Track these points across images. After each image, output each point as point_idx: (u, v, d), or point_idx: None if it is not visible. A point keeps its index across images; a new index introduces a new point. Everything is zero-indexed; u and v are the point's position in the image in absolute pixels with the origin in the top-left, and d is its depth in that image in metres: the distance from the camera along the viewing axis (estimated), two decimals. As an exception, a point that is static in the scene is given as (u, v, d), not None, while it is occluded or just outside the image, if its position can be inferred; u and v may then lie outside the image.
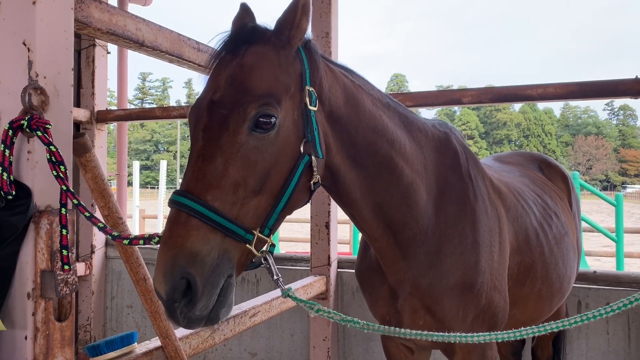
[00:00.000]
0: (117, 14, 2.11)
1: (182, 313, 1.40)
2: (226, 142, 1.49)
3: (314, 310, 1.69)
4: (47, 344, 1.72)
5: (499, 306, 2.16)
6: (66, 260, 1.77)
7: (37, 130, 1.66)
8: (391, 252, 2.07)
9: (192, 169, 1.50)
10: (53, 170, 1.68)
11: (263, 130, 1.52)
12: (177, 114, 4.70)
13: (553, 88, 3.46)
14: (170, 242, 1.41)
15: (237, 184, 1.48)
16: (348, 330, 4.26)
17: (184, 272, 1.38)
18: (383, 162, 1.93)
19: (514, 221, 2.39)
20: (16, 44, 1.74)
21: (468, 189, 2.17)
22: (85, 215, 1.74)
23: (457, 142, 2.27)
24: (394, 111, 2.04)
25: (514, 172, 2.99)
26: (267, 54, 1.61)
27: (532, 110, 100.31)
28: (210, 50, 2.76)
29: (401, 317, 2.16)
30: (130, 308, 5.09)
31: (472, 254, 2.08)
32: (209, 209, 1.43)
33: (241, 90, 1.54)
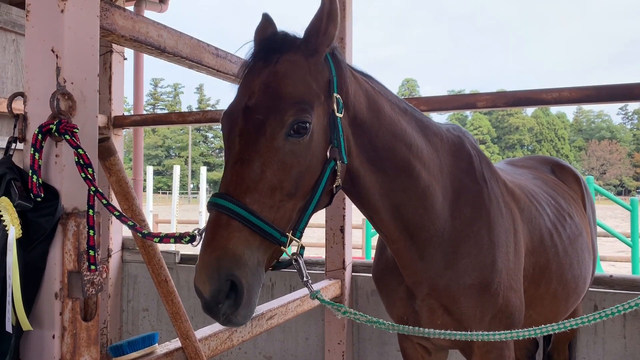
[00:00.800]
0: (140, 21, 2.16)
1: (224, 314, 1.44)
2: (263, 147, 1.54)
3: (340, 312, 1.71)
4: (74, 343, 1.76)
5: (516, 306, 2.18)
6: (93, 260, 1.81)
7: (65, 134, 1.70)
8: (408, 253, 2.10)
9: (230, 173, 1.54)
10: (82, 172, 1.73)
11: (299, 135, 1.58)
12: (192, 119, 4.75)
13: (568, 92, 3.46)
14: (214, 244, 1.45)
15: (273, 187, 1.53)
16: (363, 333, 4.28)
17: (229, 274, 1.41)
18: (401, 165, 1.97)
19: (528, 222, 2.42)
20: (45, 51, 1.79)
21: (483, 191, 2.21)
22: (115, 215, 1.77)
23: (471, 146, 2.33)
24: (411, 116, 2.08)
25: (527, 174, 3.02)
26: (298, 61, 1.67)
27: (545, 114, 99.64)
28: (229, 56, 2.83)
29: (419, 317, 2.19)
30: (146, 311, 5.14)
31: (489, 254, 2.12)
32: (249, 211, 1.47)
33: (276, 96, 1.59)
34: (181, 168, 71.25)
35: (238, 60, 2.87)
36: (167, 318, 5.05)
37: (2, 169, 1.79)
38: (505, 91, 3.70)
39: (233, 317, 1.44)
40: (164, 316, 5.07)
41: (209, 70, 2.66)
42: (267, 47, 1.70)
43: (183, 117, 4.69)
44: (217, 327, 2.68)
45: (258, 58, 1.69)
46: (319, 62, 1.71)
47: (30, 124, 1.82)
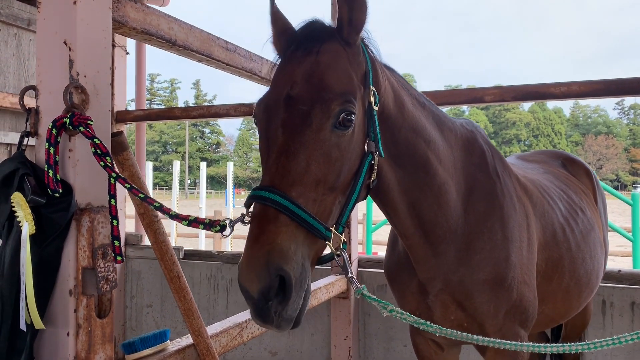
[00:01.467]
0: (151, 14, 2.13)
1: (276, 312, 1.37)
2: (309, 139, 1.49)
3: (387, 310, 1.66)
4: (89, 340, 1.74)
5: (530, 301, 2.17)
6: (118, 251, 1.79)
7: (79, 127, 1.67)
8: (422, 250, 2.09)
9: (275, 165, 1.48)
10: (100, 161, 1.70)
11: (344, 127, 1.53)
12: (196, 114, 4.71)
13: (577, 86, 3.43)
14: (262, 239, 1.38)
15: (318, 180, 1.48)
16: (369, 329, 4.26)
17: (279, 270, 1.35)
18: (420, 162, 1.95)
19: (540, 217, 2.41)
20: (57, 44, 1.76)
21: (496, 186, 2.19)
22: (140, 197, 1.74)
23: (483, 141, 2.31)
24: (429, 110, 2.06)
25: (538, 169, 3.00)
26: (339, 51, 1.62)
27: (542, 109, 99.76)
28: (239, 49, 2.80)
29: (432, 312, 2.17)
30: (150, 307, 5.12)
31: (502, 249, 2.10)
32: (297, 205, 1.42)
33: (320, 87, 1.53)
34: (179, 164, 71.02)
35: (247, 54, 2.84)
36: (170, 314, 5.03)
37: (15, 164, 1.76)
38: (513, 85, 3.67)
39: (284, 313, 1.37)
40: (167, 312, 5.05)
41: (218, 64, 2.63)
42: (306, 37, 1.65)
43: (187, 112, 4.65)
44: (227, 323, 2.66)
45: (298, 46, 1.63)
46: (357, 53, 1.68)
47: (42, 118, 1.79)
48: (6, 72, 4.42)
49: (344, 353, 4.11)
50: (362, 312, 4.28)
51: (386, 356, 4.21)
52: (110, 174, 1.72)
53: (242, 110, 4.46)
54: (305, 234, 1.44)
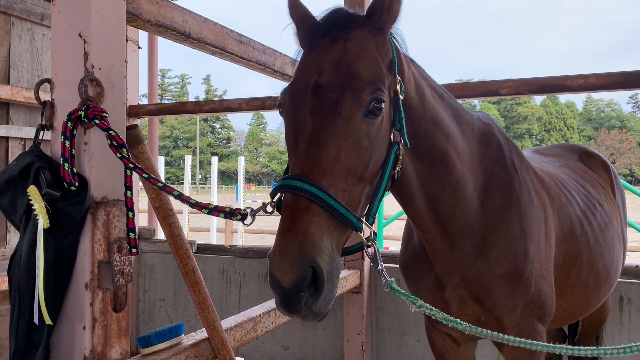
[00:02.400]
0: (165, 6, 2.11)
1: (306, 303, 1.34)
2: (340, 127, 1.46)
3: (416, 305, 1.62)
4: (105, 334, 1.73)
5: (548, 295, 2.15)
6: (133, 243, 1.78)
7: (94, 119, 1.66)
8: (439, 244, 2.07)
9: (305, 154, 1.45)
10: (117, 153, 1.69)
11: (374, 116, 1.51)
12: (209, 108, 4.71)
13: (594, 78, 3.37)
14: (295, 229, 1.36)
15: (348, 170, 1.46)
16: (382, 324, 4.24)
17: (312, 261, 1.32)
18: (438, 155, 1.93)
19: (558, 211, 2.38)
20: (72, 36, 1.75)
21: (513, 179, 2.16)
22: (159, 186, 1.73)
23: (500, 134, 2.29)
24: (447, 103, 2.03)
25: (554, 162, 2.97)
26: (368, 39, 1.60)
27: (554, 103, 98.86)
28: (252, 42, 2.77)
29: (448, 306, 2.15)
30: (163, 301, 5.14)
31: (520, 243, 2.08)
32: (329, 195, 1.39)
33: (350, 74, 1.50)
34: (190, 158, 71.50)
35: (260, 47, 2.82)
36: (183, 308, 5.04)
37: (31, 157, 1.75)
38: (528, 78, 3.61)
39: (314, 306, 1.34)
40: (180, 306, 5.06)
41: (231, 56, 2.61)
42: (333, 24, 1.62)
43: (199, 107, 4.65)
44: (241, 317, 2.65)
45: (324, 34, 1.60)
46: (385, 41, 1.65)
47: (57, 111, 1.78)
48: (20, 67, 4.43)
49: (356, 348, 4.09)
50: (375, 307, 4.26)
51: (399, 351, 4.19)
52: (127, 165, 1.71)
53: (254, 105, 4.45)
54: (335, 224, 1.41)
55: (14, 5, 4.31)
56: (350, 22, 1.62)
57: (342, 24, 1.60)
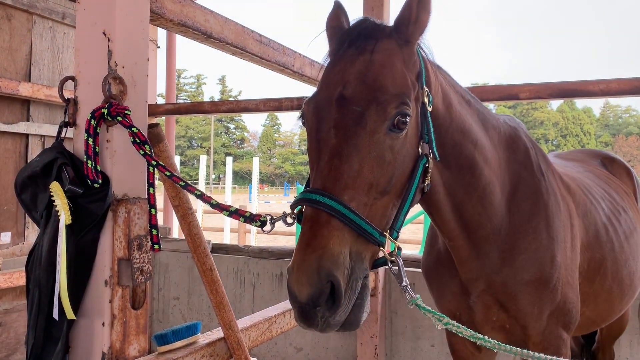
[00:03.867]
0: (188, 5, 2.12)
1: (322, 317, 1.33)
2: (363, 141, 1.44)
3: (442, 322, 1.56)
4: (124, 331, 1.74)
5: (573, 302, 2.13)
6: (156, 239, 1.79)
7: (117, 116, 1.67)
8: (465, 251, 2.05)
9: (327, 168, 1.43)
10: (139, 149, 1.70)
11: (399, 130, 1.48)
12: (226, 108, 4.73)
13: (616, 83, 3.33)
14: (314, 243, 1.34)
15: (370, 184, 1.44)
16: (395, 327, 4.22)
17: (330, 275, 1.31)
18: (465, 163, 1.91)
19: (583, 217, 2.35)
20: (96, 34, 1.76)
21: (540, 184, 2.14)
22: (181, 185, 1.75)
23: (527, 138, 2.27)
24: (474, 109, 2.01)
25: (577, 167, 2.93)
26: (394, 50, 1.57)
27: (571, 109, 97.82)
28: (272, 43, 2.78)
29: (473, 313, 2.13)
30: (177, 300, 5.16)
31: (548, 249, 2.05)
32: (350, 209, 1.37)
33: (375, 87, 1.48)
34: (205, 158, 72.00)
35: (281, 48, 2.82)
36: (197, 307, 5.06)
37: (54, 154, 1.77)
38: (549, 82, 3.59)
39: (331, 319, 1.33)
40: (194, 305, 5.08)
41: (252, 57, 2.62)
42: (359, 35, 1.60)
43: (216, 107, 4.67)
44: (256, 317, 2.65)
45: (350, 45, 1.58)
46: (412, 53, 1.62)
47: (80, 109, 1.80)
48: (41, 65, 4.48)
49: (370, 351, 4.07)
50: (389, 310, 4.24)
51: (413, 355, 4.16)
52: (149, 162, 1.72)
53: (271, 105, 4.46)
54: (356, 238, 1.38)
55: (36, 4, 4.37)
56: (376, 33, 1.59)
57: (368, 35, 1.58)
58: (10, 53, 4.24)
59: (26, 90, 4.19)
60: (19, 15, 4.29)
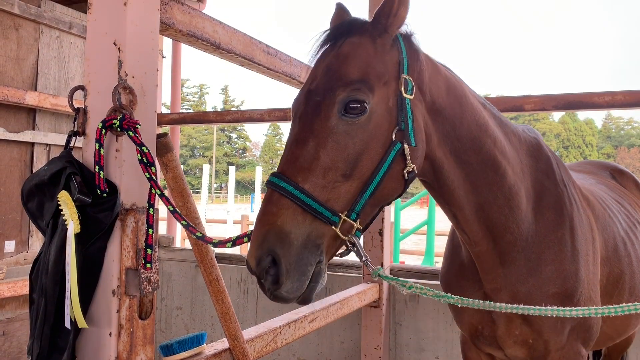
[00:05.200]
0: (197, 16, 2.13)
1: (268, 290, 1.46)
2: (318, 127, 1.54)
3: (406, 287, 1.65)
4: (131, 341, 1.73)
5: (594, 319, 2.10)
6: (149, 259, 1.78)
7: (128, 130, 1.68)
8: (490, 257, 2.02)
9: (287, 153, 1.55)
10: (145, 171, 1.70)
11: (353, 115, 1.55)
12: (231, 118, 4.74)
13: (622, 95, 3.33)
14: (263, 219, 1.48)
15: (327, 167, 1.51)
16: (400, 339, 4.20)
17: (271, 250, 1.43)
18: (487, 159, 1.90)
19: (602, 230, 2.32)
20: (107, 44, 1.77)
21: (564, 195, 2.12)
22: (183, 224, 1.79)
23: (547, 148, 2.25)
24: (490, 112, 2.02)
25: (590, 179, 2.91)
26: (363, 43, 1.64)
27: (572, 120, 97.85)
28: (279, 54, 2.79)
29: (496, 326, 2.10)
30: (180, 310, 5.14)
31: (572, 262, 2.03)
32: (298, 189, 1.47)
33: (334, 77, 1.58)
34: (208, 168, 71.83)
35: (287, 59, 2.83)
36: (200, 317, 5.04)
37: (63, 163, 1.77)
38: (554, 94, 3.59)
39: (277, 292, 1.45)
40: (197, 315, 5.06)
41: (259, 67, 2.62)
42: (334, 32, 1.70)
43: (221, 116, 4.69)
44: (262, 328, 2.64)
45: (326, 42, 1.69)
46: (386, 43, 1.68)
47: (90, 118, 1.80)
48: (47, 74, 4.50)
49: (374, 363, 4.04)
50: (393, 321, 4.22)
51: (417, 367, 4.13)
52: (154, 189, 1.73)
53: (276, 115, 4.47)
54: (311, 218, 1.47)
55: (44, 14, 4.40)
56: (351, 29, 1.67)
57: (342, 32, 1.67)
58: (17, 62, 4.27)
59: (32, 99, 4.21)
60: (26, 25, 4.32)
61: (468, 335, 2.29)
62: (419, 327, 4.15)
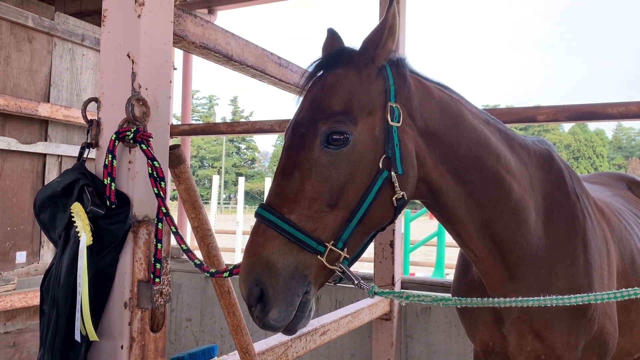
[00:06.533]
0: (210, 28, 2.14)
1: (257, 317, 1.49)
2: (302, 159, 1.57)
3: (403, 297, 1.70)
4: (142, 354, 1.72)
5: (610, 334, 2.04)
6: (158, 273, 1.77)
7: (141, 143, 1.68)
8: (497, 273, 1.99)
9: (274, 185, 1.60)
10: (154, 187, 1.70)
11: (335, 146, 1.57)
12: (241, 129, 4.74)
13: (636, 106, 3.29)
14: (250, 250, 1.52)
15: (312, 198, 1.54)
16: (411, 352, 4.15)
17: (258, 280, 1.47)
18: (490, 176, 1.88)
19: (618, 243, 2.27)
20: (120, 56, 1.78)
21: (576, 207, 2.08)
22: (183, 248, 1.83)
23: (559, 159, 2.21)
24: (494, 127, 1.99)
25: (606, 191, 2.86)
26: (349, 74, 1.66)
27: (583, 131, 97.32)
28: (291, 65, 2.79)
29: (507, 342, 2.05)
30: (189, 321, 5.12)
31: (585, 276, 1.99)
32: (283, 220, 1.50)
33: (318, 109, 1.61)
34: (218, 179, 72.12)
35: (299, 70, 2.83)
36: (209, 329, 5.02)
37: (76, 174, 1.77)
38: (567, 105, 3.56)
39: (265, 320, 1.48)
40: (206, 327, 5.04)
41: (271, 79, 2.63)
42: (322, 64, 1.73)
43: (232, 127, 4.69)
44: (272, 341, 2.61)
45: (314, 73, 1.72)
46: (372, 73, 1.69)
47: (103, 130, 1.80)
48: (60, 86, 4.54)
49: (385, 376, 4.00)
50: (404, 334, 4.17)
51: (429, 381, 4.08)
52: (161, 207, 1.74)
53: (285, 126, 4.47)
54: (298, 249, 1.50)
55: (57, 27, 4.45)
56: (338, 59, 1.70)
57: (328, 63, 1.70)
58: (31, 74, 4.31)
59: (45, 111, 4.25)
60: (39, 38, 4.36)
61: (480, 351, 2.25)
62: (430, 340, 4.10)
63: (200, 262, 1.80)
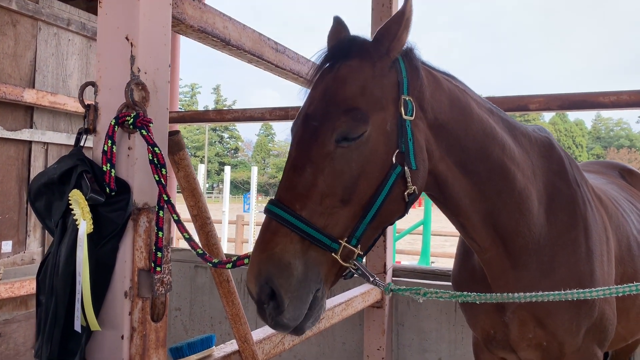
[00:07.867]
0: (208, 12, 2.09)
1: (270, 315, 1.45)
2: (315, 153, 1.52)
3: (420, 294, 1.64)
4: (143, 344, 1.69)
5: (610, 319, 2.08)
6: (159, 262, 1.73)
7: (141, 129, 1.63)
8: (500, 262, 2.00)
9: (284, 180, 1.56)
10: (155, 174, 1.66)
11: (349, 141, 1.53)
12: (230, 117, 4.69)
13: (627, 95, 3.32)
14: (261, 247, 1.48)
15: (324, 193, 1.50)
16: (402, 340, 4.17)
17: (269, 279, 1.43)
18: (495, 167, 1.87)
19: (616, 229, 2.31)
20: (119, 39, 1.72)
21: (577, 195, 2.09)
22: (185, 237, 1.77)
23: (560, 148, 2.23)
24: (498, 116, 1.99)
25: (600, 179, 2.90)
26: (362, 66, 1.62)
27: (563, 121, 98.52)
28: (287, 51, 2.75)
29: (508, 330, 2.07)
30: (178, 311, 5.09)
31: (587, 263, 2.01)
32: (296, 217, 1.46)
33: (331, 103, 1.57)
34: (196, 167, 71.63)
35: (295, 56, 2.80)
36: (199, 318, 4.99)
37: (74, 161, 1.72)
38: (559, 93, 3.57)
39: (279, 319, 1.44)
40: (196, 316, 5.01)
41: (267, 64, 2.58)
42: (334, 52, 1.68)
43: (221, 115, 4.64)
44: (269, 330, 2.60)
45: (325, 63, 1.68)
46: (385, 66, 1.65)
47: (101, 115, 1.75)
48: (45, 71, 4.43)
49: (376, 364, 4.01)
50: (395, 322, 4.19)
51: (420, 368, 4.11)
52: (162, 194, 1.69)
53: (277, 114, 4.43)
54: (309, 246, 1.46)
55: (42, 10, 4.33)
56: (351, 50, 1.65)
57: (340, 54, 1.65)
58: (15, 59, 4.19)
59: (30, 97, 4.14)
60: (24, 21, 4.25)
61: (481, 339, 2.26)
62: (421, 327, 4.12)
63: (202, 252, 1.77)
